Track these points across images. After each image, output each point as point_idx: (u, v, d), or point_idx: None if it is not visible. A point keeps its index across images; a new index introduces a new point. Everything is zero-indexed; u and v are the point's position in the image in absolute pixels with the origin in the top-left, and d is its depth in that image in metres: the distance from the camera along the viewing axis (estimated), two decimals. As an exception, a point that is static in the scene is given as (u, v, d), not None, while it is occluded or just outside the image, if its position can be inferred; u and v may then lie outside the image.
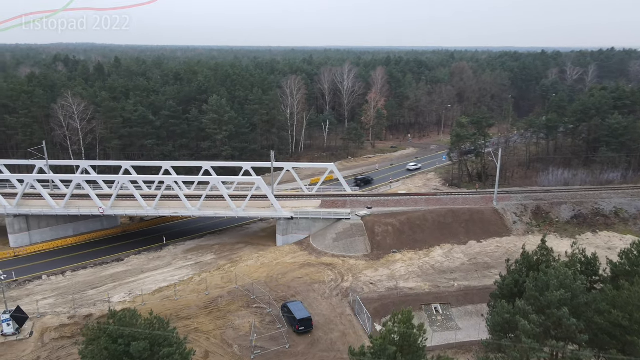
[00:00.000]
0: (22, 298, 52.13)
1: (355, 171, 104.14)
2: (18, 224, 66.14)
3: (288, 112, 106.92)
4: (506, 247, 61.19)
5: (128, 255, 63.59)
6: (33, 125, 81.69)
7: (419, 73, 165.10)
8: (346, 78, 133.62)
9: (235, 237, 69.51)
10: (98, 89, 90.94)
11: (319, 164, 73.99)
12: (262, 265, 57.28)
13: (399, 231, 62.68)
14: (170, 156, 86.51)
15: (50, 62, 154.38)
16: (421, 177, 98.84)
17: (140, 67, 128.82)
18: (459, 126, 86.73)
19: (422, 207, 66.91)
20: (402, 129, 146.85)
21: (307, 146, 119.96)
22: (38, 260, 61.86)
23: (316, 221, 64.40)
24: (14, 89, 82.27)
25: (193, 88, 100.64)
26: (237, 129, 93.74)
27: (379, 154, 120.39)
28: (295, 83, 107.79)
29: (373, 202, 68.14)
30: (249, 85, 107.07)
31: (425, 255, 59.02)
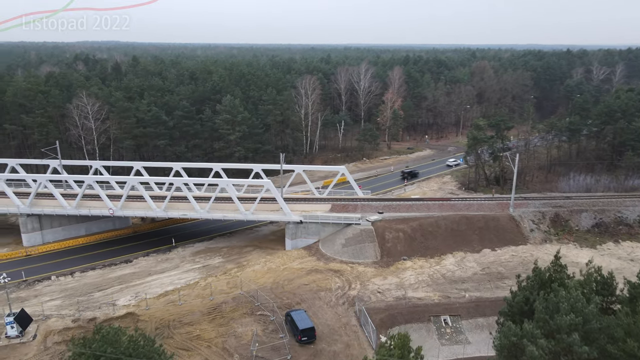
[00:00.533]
0: (30, 299, 52.49)
1: (370, 173, 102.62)
2: (31, 224, 66.80)
3: (302, 113, 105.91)
4: (522, 257, 59.00)
5: (137, 256, 63.58)
6: (49, 124, 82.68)
7: (438, 73, 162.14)
8: (363, 78, 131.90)
9: (245, 240, 68.88)
10: (114, 89, 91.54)
11: (330, 167, 72.79)
12: (269, 271, 56.44)
13: (410, 238, 61.06)
14: (182, 156, 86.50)
15: (71, 61, 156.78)
16: (437, 180, 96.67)
17: (157, 66, 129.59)
18: (476, 128, 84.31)
19: (434, 213, 65.08)
20: (419, 130, 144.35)
21: (322, 147, 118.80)
22: (49, 260, 62.31)
23: (326, 226, 63.27)
24: (31, 89, 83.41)
25: (207, 88, 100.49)
26: (250, 130, 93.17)
27: (394, 156, 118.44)
28: (310, 83, 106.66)
29: (384, 207, 66.60)
30: (264, 85, 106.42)
31: (436, 264, 57.29)
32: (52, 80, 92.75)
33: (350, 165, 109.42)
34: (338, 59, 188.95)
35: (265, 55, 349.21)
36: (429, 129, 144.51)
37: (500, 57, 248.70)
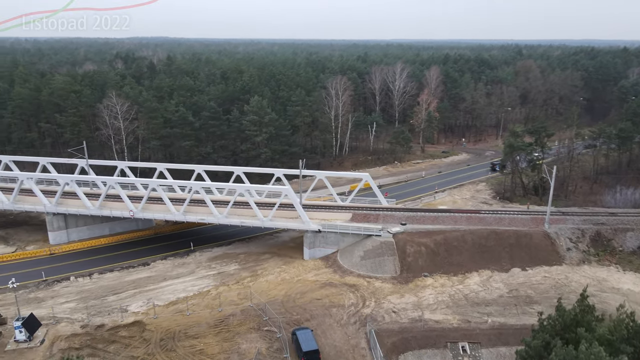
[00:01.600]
0: (47, 299, 53.19)
1: (400, 178, 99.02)
2: (57, 222, 68.19)
3: (332, 114, 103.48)
4: (555, 279, 54.34)
5: (155, 259, 63.54)
6: (80, 124, 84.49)
7: (479, 72, 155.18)
8: (398, 78, 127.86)
9: (263, 247, 67.53)
10: (145, 89, 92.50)
11: (353, 173, 70.13)
12: (282, 282, 54.73)
13: (433, 252, 57.63)
14: (208, 157, 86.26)
15: (112, 59, 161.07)
16: (470, 187, 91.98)
17: (191, 65, 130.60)
18: (513, 135, 79.14)
19: (461, 226, 61.23)
20: (456, 133, 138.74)
21: (353, 148, 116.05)
22: (70, 259, 63.28)
23: (345, 236, 60.86)
24: (64, 88, 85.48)
25: (237, 88, 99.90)
26: (278, 131, 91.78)
27: (428, 160, 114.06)
28: (341, 84, 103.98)
29: (408, 218, 63.37)
30: (294, 86, 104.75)
31: (459, 282, 53.69)
32: (86, 80, 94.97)
33: (380, 168, 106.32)
34: (375, 58, 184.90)
35: (306, 51, 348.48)
36: (466, 132, 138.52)
37: (549, 55, 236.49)
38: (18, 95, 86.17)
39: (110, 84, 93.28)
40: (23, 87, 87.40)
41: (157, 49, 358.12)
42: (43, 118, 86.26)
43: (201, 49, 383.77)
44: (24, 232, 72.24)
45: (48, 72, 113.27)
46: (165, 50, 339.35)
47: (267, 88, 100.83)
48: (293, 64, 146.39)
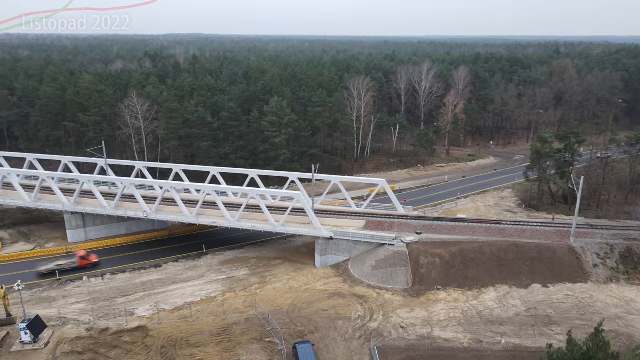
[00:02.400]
0: (59, 299, 53.87)
1: (421, 182, 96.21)
2: (75, 221, 69.27)
3: (354, 115, 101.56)
4: (578, 297, 51.15)
5: (167, 261, 63.56)
6: (102, 123, 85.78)
7: (511, 72, 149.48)
8: (424, 78, 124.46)
9: (275, 251, 66.59)
10: (167, 88, 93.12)
11: (369, 179, 68.21)
12: (290, 290, 53.62)
13: (448, 264, 55.24)
14: (226, 158, 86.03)
15: (141, 57, 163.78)
16: (495, 194, 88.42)
17: (215, 64, 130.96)
18: (540, 141, 75.28)
19: (480, 237, 58.50)
20: (485, 135, 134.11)
21: (375, 150, 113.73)
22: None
23: (357, 244, 59.19)
24: (88, 88, 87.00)
25: (258, 88, 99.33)
26: (297, 132, 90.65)
27: (452, 163, 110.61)
28: (364, 84, 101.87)
29: (424, 227, 61.06)
30: (316, 86, 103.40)
31: (474, 297, 51.21)
32: (111, 79, 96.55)
33: (402, 172, 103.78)
34: (403, 56, 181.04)
35: (336, 49, 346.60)
36: (495, 134, 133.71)
37: (589, 54, 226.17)
38: (45, 94, 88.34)
39: (133, 83, 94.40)
40: (50, 86, 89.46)
41: (189, 46, 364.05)
42: (68, 117, 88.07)
43: (232, 47, 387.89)
44: (46, 229, 73.80)
45: (77, 71, 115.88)
46: (197, 47, 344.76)
47: (288, 88, 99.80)
48: (319, 63, 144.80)
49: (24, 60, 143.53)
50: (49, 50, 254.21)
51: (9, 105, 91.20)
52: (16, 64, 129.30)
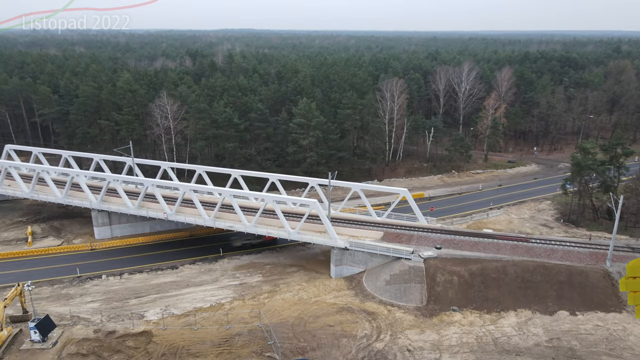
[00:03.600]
0: (75, 297, 55.40)
1: (454, 189, 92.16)
2: (101, 218, 71.26)
3: (387, 118, 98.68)
4: (610, 329, 46.68)
5: (184, 263, 64.04)
6: (134, 122, 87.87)
7: (561, 73, 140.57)
8: (464, 79, 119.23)
9: (291, 258, 65.55)
10: (199, 88, 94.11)
11: (391, 188, 65.57)
12: (299, 302, 52.35)
13: (467, 284, 52.05)
14: (252, 160, 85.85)
15: (182, 55, 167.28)
16: (532, 205, 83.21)
17: (251, 62, 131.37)
18: (582, 152, 69.74)
19: (504, 256, 54.78)
20: (528, 140, 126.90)
21: (409, 153, 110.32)
22: (107, 257, 65.69)
23: (373, 256, 57.03)
24: (122, 87, 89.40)
25: (289, 88, 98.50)
26: (325, 135, 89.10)
27: (490, 170, 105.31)
28: (397, 86, 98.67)
29: (444, 241, 57.98)
30: (348, 87, 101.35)
31: (491, 322, 47.92)
32: (146, 78, 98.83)
33: (435, 177, 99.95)
34: (446, 55, 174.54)
35: (381, 45, 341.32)
36: (542, 140, 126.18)
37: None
38: (83, 93, 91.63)
39: (166, 83, 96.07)
40: (88, 85, 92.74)
41: (236, 43, 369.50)
42: (103, 115, 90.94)
43: (278, 43, 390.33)
44: (77, 225, 76.47)
45: (120, 69, 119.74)
46: (244, 43, 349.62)
47: (319, 89, 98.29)
48: (357, 62, 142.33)
49: (73, 57, 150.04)
50: (103, 47, 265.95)
51: (50, 102, 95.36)
52: (65, 62, 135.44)
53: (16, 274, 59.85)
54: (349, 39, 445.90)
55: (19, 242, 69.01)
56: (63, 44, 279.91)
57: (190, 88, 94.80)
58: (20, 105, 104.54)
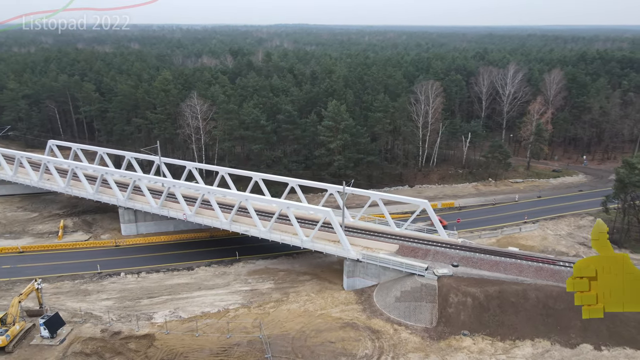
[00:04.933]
0: (92, 294, 57.30)
1: (487, 199, 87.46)
2: (128, 215, 73.43)
3: (421, 122, 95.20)
4: (638, 369, 42.23)
5: (200, 264, 64.70)
6: (166, 121, 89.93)
7: (621, 76, 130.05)
8: (509, 82, 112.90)
9: (307, 266, 64.53)
10: (234, 87, 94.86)
11: (410, 199, 62.80)
12: (304, 314, 51.29)
13: (481, 307, 48.90)
14: (278, 162, 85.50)
15: (224, 53, 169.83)
16: (571, 220, 77.41)
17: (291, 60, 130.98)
18: (628, 167, 63.78)
19: (526, 279, 50.99)
20: (578, 148, 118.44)
21: (444, 157, 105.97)
22: (129, 254, 67.57)
23: (386, 269, 54.94)
24: (156, 87, 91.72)
25: (321, 89, 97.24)
26: (354, 139, 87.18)
27: (531, 179, 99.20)
28: (433, 89, 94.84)
29: (462, 259, 54.80)
30: (382, 89, 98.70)
31: (503, 351, 44.71)
32: (182, 78, 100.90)
33: (469, 185, 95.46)
34: (496, 55, 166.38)
35: (433, 42, 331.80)
36: (592, 148, 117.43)
37: None
38: (121, 91, 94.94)
39: (198, 83, 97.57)
40: (125, 84, 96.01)
41: (286, 39, 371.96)
42: (139, 113, 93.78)
43: (328, 39, 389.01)
44: (108, 219, 79.30)
45: (161, 67, 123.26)
46: (293, 40, 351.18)
47: (351, 91, 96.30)
48: (397, 62, 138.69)
49: (122, 55, 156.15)
50: (157, 43, 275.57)
51: (91, 100, 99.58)
52: (113, 59, 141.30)
53: (42, 266, 62.85)
54: (399, 36, 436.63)
55: (51, 235, 72.41)
56: (122, 40, 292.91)
57: (222, 88, 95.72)
58: (68, 101, 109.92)
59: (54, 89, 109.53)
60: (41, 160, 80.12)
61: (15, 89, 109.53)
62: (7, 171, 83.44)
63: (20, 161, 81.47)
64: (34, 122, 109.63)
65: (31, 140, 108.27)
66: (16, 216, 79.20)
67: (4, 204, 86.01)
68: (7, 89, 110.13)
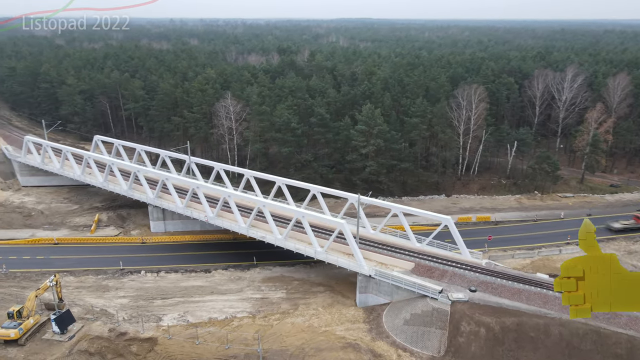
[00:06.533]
0: (111, 290, 59.16)
1: (530, 214, 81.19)
2: (156, 213, 75.38)
3: (461, 128, 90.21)
4: None
5: (217, 267, 65.00)
6: (201, 121, 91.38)
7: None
8: (567, 87, 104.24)
9: (322, 276, 62.92)
10: (267, 89, 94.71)
11: (433, 214, 59.02)
12: (307, 329, 49.87)
13: (496, 339, 45.12)
14: (308, 166, 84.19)
15: (272, 51, 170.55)
16: (623, 245, 70.35)
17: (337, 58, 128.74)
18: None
19: (550, 312, 46.41)
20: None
21: (487, 166, 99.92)
22: (153, 252, 69.23)
23: (399, 288, 52.26)
24: (193, 86, 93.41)
25: (358, 92, 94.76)
26: (388, 144, 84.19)
27: (583, 194, 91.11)
28: (476, 94, 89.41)
29: (481, 283, 50.88)
30: (422, 92, 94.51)
31: (513, 392, 40.87)
32: (222, 77, 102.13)
33: (511, 198, 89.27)
34: (562, 55, 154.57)
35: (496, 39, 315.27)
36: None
37: None
38: (162, 90, 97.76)
39: (234, 83, 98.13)
40: (167, 83, 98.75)
41: (344, 34, 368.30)
42: (177, 112, 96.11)
43: (387, 34, 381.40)
44: (141, 215, 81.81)
45: (207, 65, 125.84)
46: (349, 36, 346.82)
47: (389, 94, 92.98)
48: (447, 62, 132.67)
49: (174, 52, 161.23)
50: (216, 39, 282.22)
51: (136, 97, 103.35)
52: (165, 56, 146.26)
53: (72, 259, 65.90)
54: (462, 31, 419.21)
55: (86, 228, 75.82)
56: (185, 35, 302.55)
57: (260, 88, 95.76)
58: (118, 97, 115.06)
59: (107, 85, 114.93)
60: (83, 155, 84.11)
61: (73, 84, 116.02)
62: (55, 164, 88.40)
63: (66, 155, 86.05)
64: (87, 116, 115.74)
65: (85, 134, 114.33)
66: (59, 207, 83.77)
67: (53, 194, 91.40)
68: (66, 84, 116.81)
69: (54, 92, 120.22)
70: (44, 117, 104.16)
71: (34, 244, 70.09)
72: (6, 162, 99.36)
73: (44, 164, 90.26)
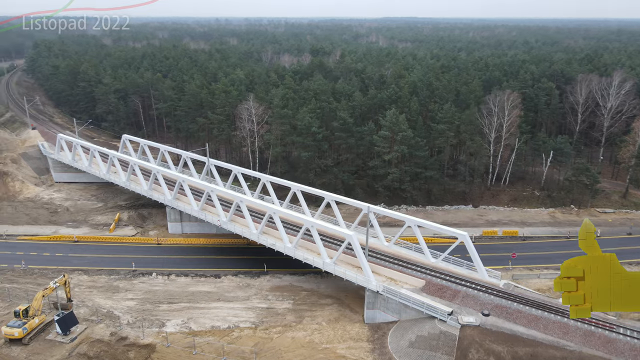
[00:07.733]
0: (120, 292, 59.51)
1: (563, 230, 75.71)
2: (174, 214, 75.72)
3: (492, 136, 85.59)
4: None
5: (227, 273, 64.20)
6: (224, 122, 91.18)
7: None
8: (613, 93, 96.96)
9: (332, 288, 60.82)
10: (291, 91, 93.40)
11: (447, 228, 55.47)
12: (307, 345, 48.11)
13: (506, 371, 41.65)
14: (328, 171, 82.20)
15: (305, 51, 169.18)
16: (665, 269, 63.87)
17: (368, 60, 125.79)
18: None
19: (569, 344, 42.41)
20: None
21: (521, 175, 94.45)
22: (167, 254, 69.44)
23: (407, 307, 49.54)
24: (218, 87, 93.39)
25: (385, 95, 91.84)
26: (412, 151, 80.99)
27: (626, 209, 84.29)
28: (509, 101, 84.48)
29: (495, 307, 47.33)
30: (452, 97, 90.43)
31: None
32: (247, 79, 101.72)
33: (544, 211, 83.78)
34: (608, 59, 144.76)
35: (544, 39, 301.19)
36: None
37: None
38: (189, 91, 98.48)
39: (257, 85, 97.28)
40: (193, 84, 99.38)
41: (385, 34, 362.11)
42: (202, 113, 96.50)
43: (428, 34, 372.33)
44: (161, 215, 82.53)
45: (238, 65, 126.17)
46: (387, 36, 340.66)
47: (416, 98, 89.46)
48: (484, 65, 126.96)
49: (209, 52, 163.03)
50: (255, 38, 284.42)
51: (164, 97, 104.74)
52: (199, 56, 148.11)
53: (88, 258, 66.98)
54: (510, 31, 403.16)
55: (105, 227, 77.11)
56: (227, 35, 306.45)
57: (285, 90, 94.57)
58: (150, 97, 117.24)
59: (140, 84, 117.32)
60: (108, 154, 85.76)
61: (108, 83, 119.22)
62: (84, 162, 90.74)
63: (94, 154, 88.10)
64: (121, 115, 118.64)
65: (118, 132, 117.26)
66: (84, 205, 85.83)
67: (82, 190, 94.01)
68: (102, 83, 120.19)
69: (91, 90, 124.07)
70: (81, 115, 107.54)
71: (56, 240, 71.84)
72: (42, 159, 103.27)
73: (74, 162, 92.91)
